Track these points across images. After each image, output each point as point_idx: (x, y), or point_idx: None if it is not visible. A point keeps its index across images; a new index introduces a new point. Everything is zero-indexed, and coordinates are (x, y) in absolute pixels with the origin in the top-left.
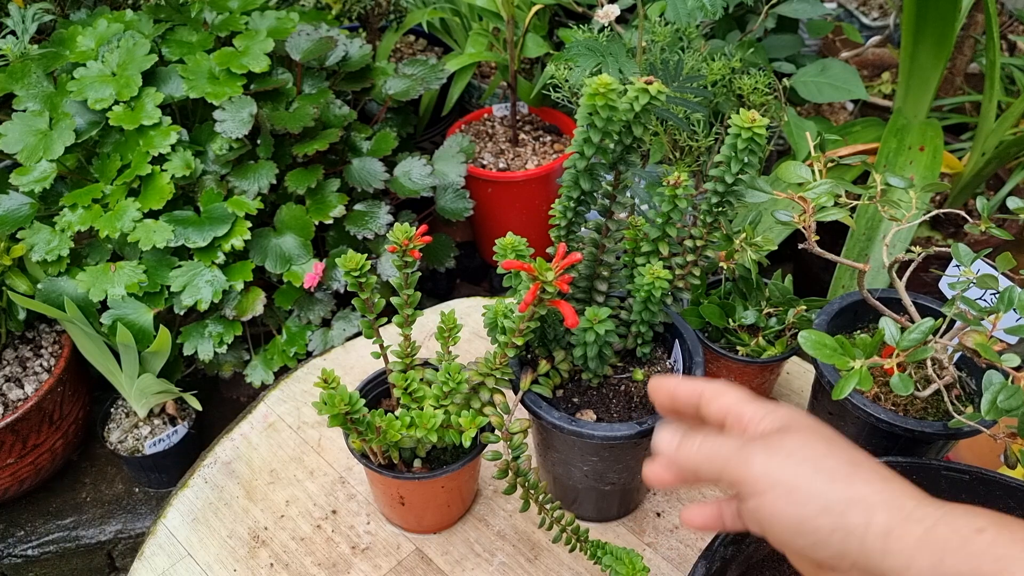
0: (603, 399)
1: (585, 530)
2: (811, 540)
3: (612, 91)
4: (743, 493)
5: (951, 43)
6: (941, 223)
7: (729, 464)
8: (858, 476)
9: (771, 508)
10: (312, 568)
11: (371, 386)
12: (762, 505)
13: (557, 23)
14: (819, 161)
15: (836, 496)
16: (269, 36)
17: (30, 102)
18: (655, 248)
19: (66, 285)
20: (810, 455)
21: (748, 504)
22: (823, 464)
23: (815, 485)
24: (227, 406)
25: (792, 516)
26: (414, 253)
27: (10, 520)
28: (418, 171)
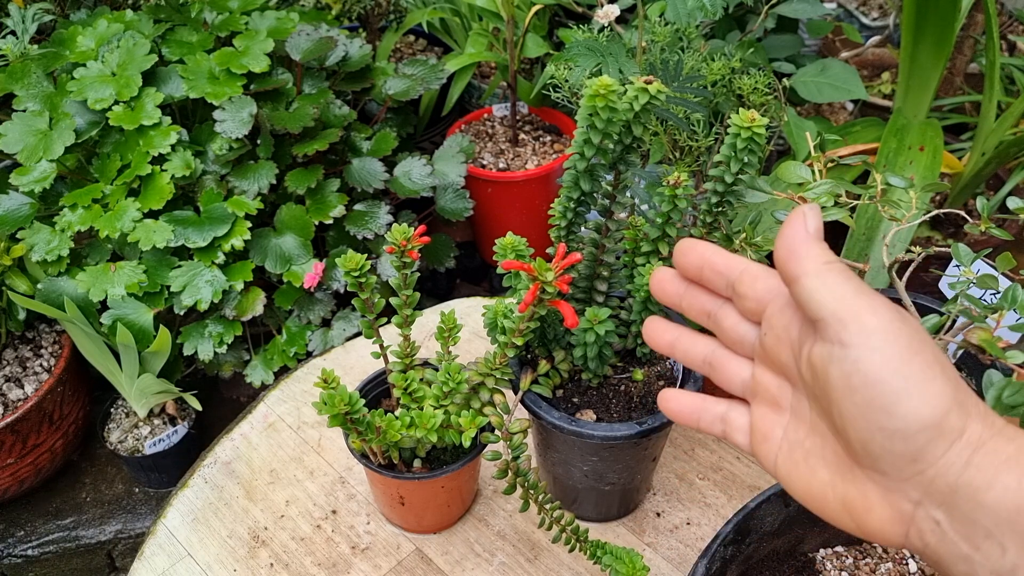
0: (603, 399)
1: (585, 530)
2: (893, 426)
3: (612, 92)
4: (830, 332)
5: (951, 43)
6: (941, 223)
7: (830, 285)
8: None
9: (873, 370)
10: (312, 568)
11: (371, 386)
12: (861, 359)
13: (557, 23)
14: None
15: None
16: (269, 36)
17: (30, 102)
18: (655, 248)
19: (66, 285)
20: (930, 343)
21: (834, 350)
22: (939, 357)
23: (932, 372)
24: (227, 406)
25: (891, 390)
26: (412, 254)
27: (10, 520)
28: (418, 171)
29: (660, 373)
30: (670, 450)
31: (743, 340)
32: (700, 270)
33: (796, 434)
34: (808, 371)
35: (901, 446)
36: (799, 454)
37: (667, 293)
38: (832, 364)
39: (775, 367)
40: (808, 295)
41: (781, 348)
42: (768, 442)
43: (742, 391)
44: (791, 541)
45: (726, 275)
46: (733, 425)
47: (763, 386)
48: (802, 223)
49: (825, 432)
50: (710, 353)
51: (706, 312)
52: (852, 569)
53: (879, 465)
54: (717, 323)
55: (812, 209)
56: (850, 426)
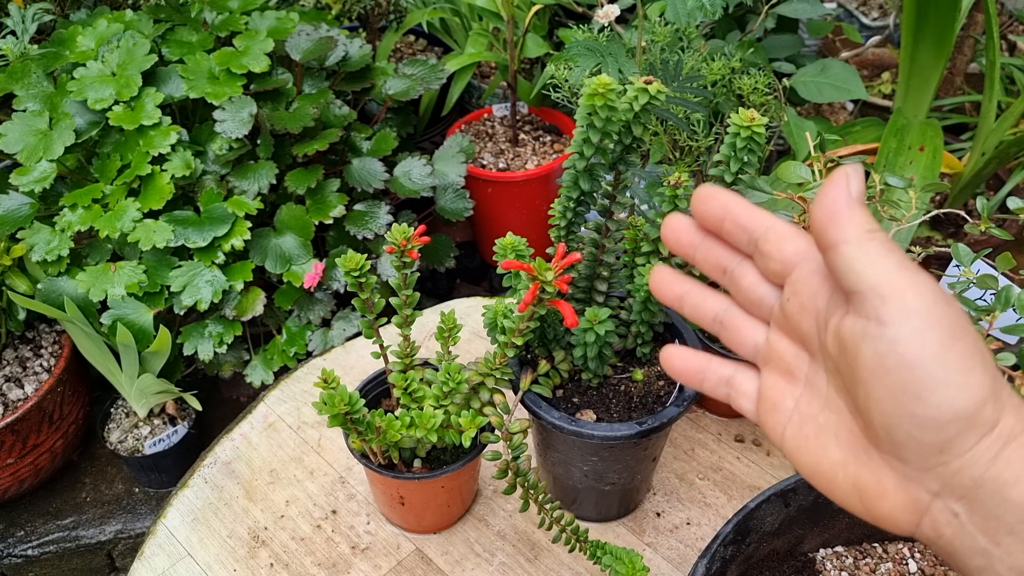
0: (603, 399)
1: (585, 530)
2: (925, 413)
3: (611, 91)
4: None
5: (951, 43)
6: (941, 223)
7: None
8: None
9: (911, 352)
10: (312, 568)
11: (371, 386)
12: (899, 340)
13: (557, 23)
14: (819, 161)
15: (984, 383)
16: (269, 36)
17: (30, 102)
18: (655, 248)
19: (66, 285)
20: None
21: (869, 326)
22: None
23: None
24: (227, 406)
25: (927, 376)
26: (412, 254)
27: (10, 520)
28: (418, 171)
29: (660, 373)
30: (670, 450)
31: (761, 302)
32: (720, 221)
33: (809, 407)
34: (835, 344)
35: (931, 436)
36: (810, 429)
37: (681, 243)
38: (865, 341)
39: (795, 335)
40: (847, 264)
41: (805, 316)
42: (777, 412)
43: (753, 355)
44: (791, 541)
45: (750, 230)
46: (739, 389)
47: (778, 353)
48: (845, 185)
49: (842, 409)
50: (722, 311)
51: (722, 268)
52: (852, 569)
53: (901, 452)
54: (734, 281)
55: (856, 170)
56: (876, 409)
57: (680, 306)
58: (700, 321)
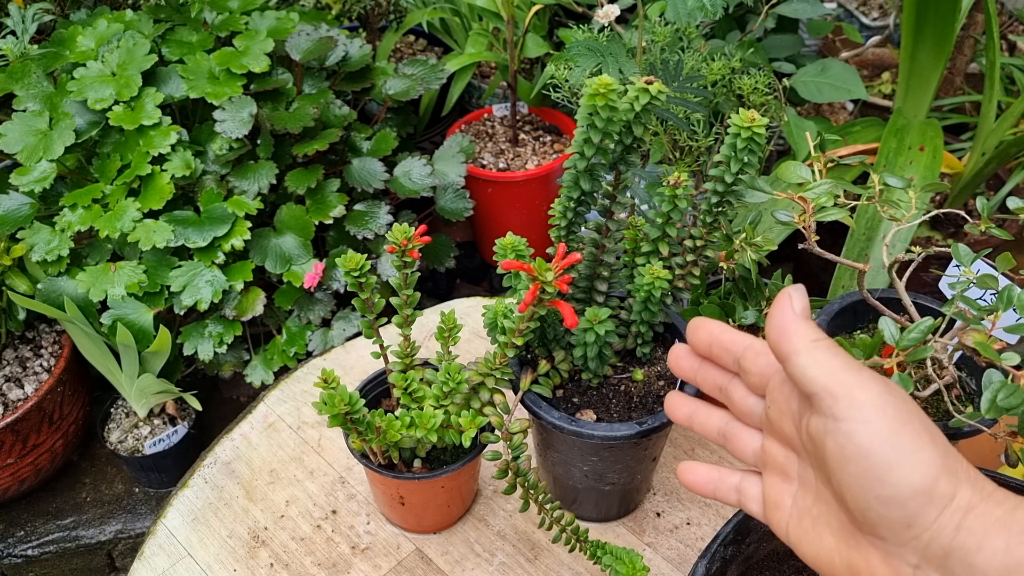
0: (603, 399)
1: (585, 530)
2: (886, 494)
3: (612, 91)
4: (823, 406)
5: (951, 43)
6: (941, 223)
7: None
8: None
9: (865, 442)
10: (312, 568)
11: (371, 386)
12: (853, 432)
13: (557, 23)
14: (819, 161)
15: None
16: (269, 36)
17: (30, 102)
18: (655, 248)
19: (66, 285)
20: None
21: (828, 423)
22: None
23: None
24: (227, 406)
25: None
26: (413, 253)
27: (10, 520)
28: (418, 171)
29: (660, 373)
30: (670, 450)
31: (752, 412)
32: (709, 347)
33: (804, 502)
34: (808, 442)
35: (896, 512)
36: (807, 521)
37: (683, 368)
38: (827, 436)
39: (781, 438)
40: (800, 372)
41: (784, 420)
42: (779, 510)
43: (754, 461)
44: None
45: (732, 351)
46: (747, 494)
47: (772, 456)
48: (789, 304)
49: (829, 499)
50: (724, 425)
51: (718, 386)
52: None
53: (878, 531)
54: (728, 396)
55: (797, 290)
56: (848, 494)
57: (690, 424)
58: (707, 435)
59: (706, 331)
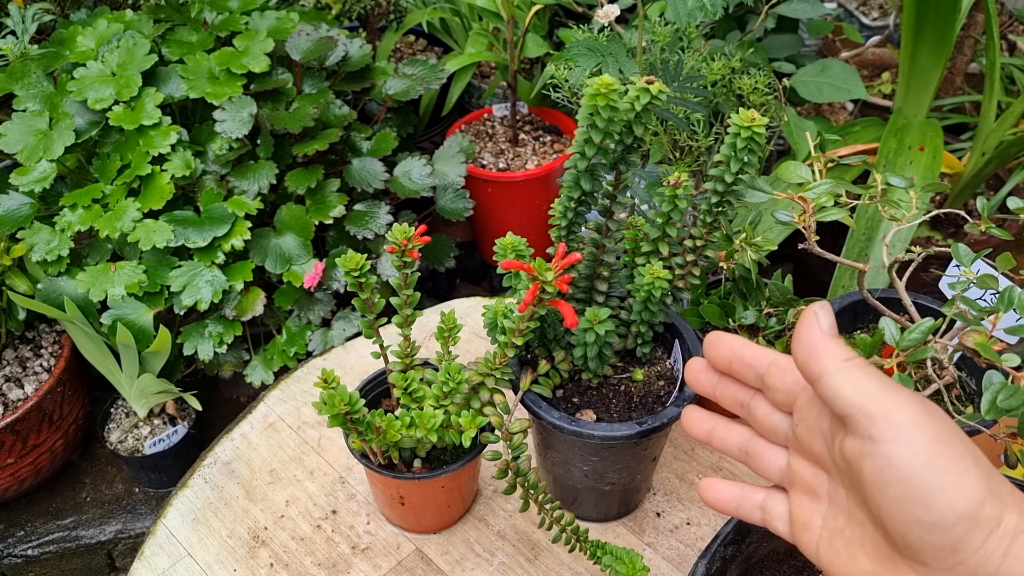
0: (603, 399)
1: (585, 530)
2: (930, 519)
3: (613, 91)
4: (859, 427)
5: (951, 43)
6: (941, 223)
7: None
8: (995, 472)
9: (905, 464)
10: (312, 568)
11: (371, 386)
12: (892, 454)
13: (557, 23)
14: (819, 161)
15: (979, 483)
16: (269, 36)
17: (30, 102)
18: (655, 248)
19: (66, 285)
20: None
21: (864, 445)
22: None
23: (963, 464)
24: (227, 406)
25: (925, 483)
26: (413, 253)
27: (10, 520)
28: (418, 171)
29: (660, 373)
30: (670, 450)
31: (776, 429)
32: (729, 363)
33: (835, 522)
34: (842, 463)
35: (940, 538)
36: (839, 543)
37: (701, 384)
38: (864, 459)
39: (810, 457)
40: (832, 393)
41: (814, 439)
42: (809, 531)
43: (780, 479)
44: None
45: (755, 367)
46: (772, 513)
47: (799, 475)
48: (815, 322)
49: (864, 520)
50: (746, 442)
51: (739, 402)
52: None
53: (920, 556)
54: (750, 413)
55: (823, 308)
56: (887, 519)
57: (709, 440)
58: (727, 452)
59: (726, 347)
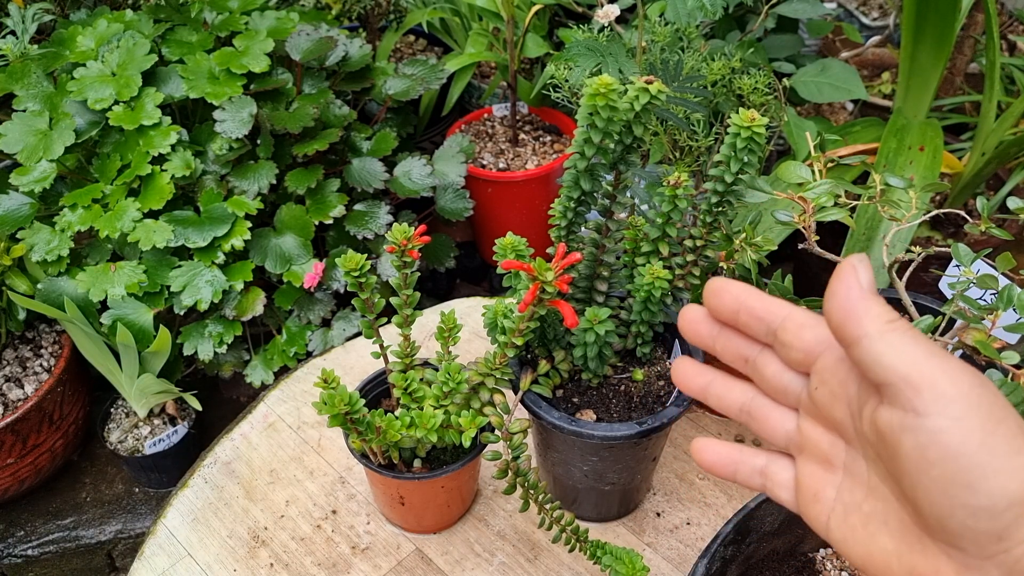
0: (603, 399)
1: (585, 530)
2: (977, 503)
3: (613, 91)
4: (902, 398)
5: (951, 43)
6: (941, 223)
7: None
8: None
9: (954, 442)
10: (312, 568)
11: (371, 386)
12: (940, 430)
13: (557, 23)
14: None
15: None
16: (269, 36)
17: (30, 102)
18: (655, 248)
19: (66, 285)
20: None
21: (906, 418)
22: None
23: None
24: (227, 406)
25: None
26: (413, 253)
27: (10, 520)
28: (418, 171)
29: (660, 373)
30: (670, 450)
31: (787, 390)
32: (735, 314)
33: (852, 496)
34: (873, 434)
35: (986, 524)
36: (856, 518)
37: (699, 335)
38: (904, 433)
39: (827, 423)
40: (872, 358)
41: (836, 404)
42: (819, 503)
43: (786, 444)
44: (791, 541)
45: (766, 320)
46: (775, 480)
47: (812, 441)
48: (855, 278)
49: (887, 496)
50: (748, 401)
51: (743, 357)
52: (852, 569)
53: (959, 541)
54: (757, 370)
55: (862, 261)
56: (925, 499)
57: (704, 397)
58: (727, 411)
59: (732, 295)
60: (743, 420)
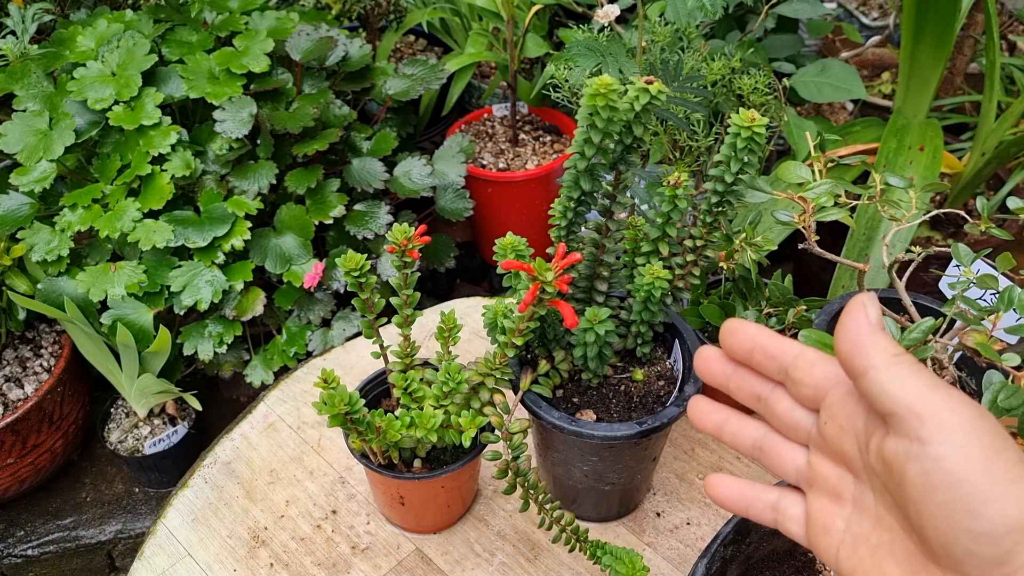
0: (603, 399)
1: (585, 530)
2: (978, 528)
3: (613, 91)
4: (906, 427)
5: (951, 43)
6: (941, 223)
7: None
8: None
9: (957, 469)
10: (312, 568)
11: (371, 386)
12: (943, 457)
13: (557, 23)
14: (819, 161)
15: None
16: (269, 36)
17: (30, 102)
18: (655, 248)
19: (66, 285)
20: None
21: (911, 447)
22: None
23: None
24: (227, 406)
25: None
26: (413, 253)
27: (10, 520)
28: (418, 171)
29: (660, 373)
30: (670, 450)
31: (798, 426)
32: (750, 353)
33: (860, 527)
34: (879, 464)
35: (988, 549)
36: (864, 549)
37: (714, 374)
38: (910, 461)
39: (836, 457)
40: (879, 389)
41: (844, 438)
42: (828, 535)
43: (796, 479)
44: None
45: (778, 359)
46: (786, 514)
47: (822, 475)
48: (863, 313)
49: (894, 526)
50: (760, 438)
51: (756, 395)
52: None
53: (962, 567)
54: (769, 407)
55: (871, 299)
56: (930, 526)
57: (719, 434)
58: (740, 448)
59: (747, 335)
60: (756, 456)
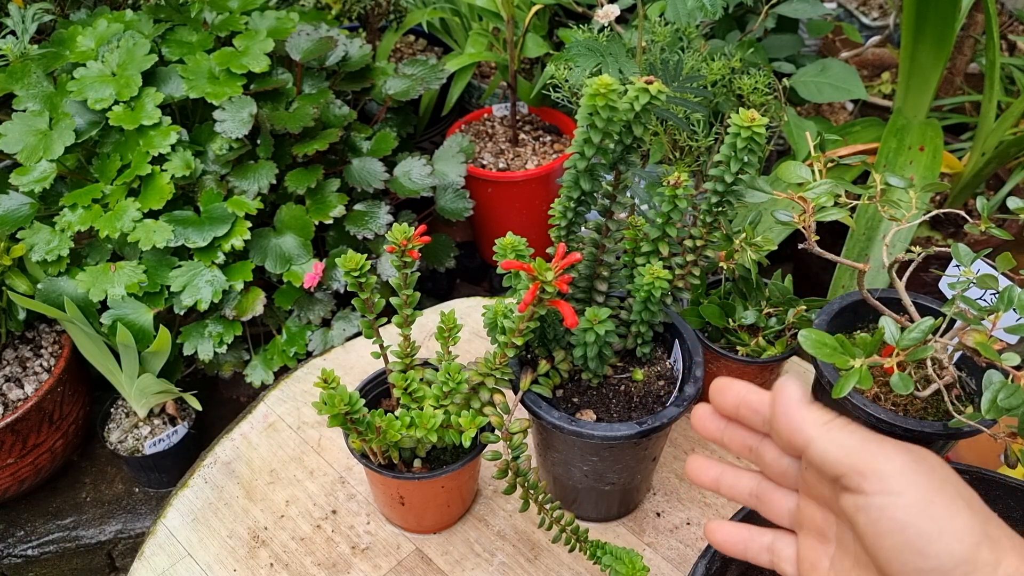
0: (603, 399)
1: (585, 530)
2: (928, 566)
3: (613, 91)
4: (852, 483)
5: (951, 43)
6: (941, 223)
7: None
8: (991, 516)
9: (899, 514)
10: (312, 568)
11: (371, 386)
12: (885, 506)
13: (557, 23)
14: (819, 161)
15: (974, 526)
16: (269, 36)
17: (30, 102)
18: (655, 248)
19: (66, 285)
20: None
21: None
22: (963, 491)
23: (955, 507)
24: (227, 406)
25: (919, 532)
26: (413, 253)
27: (10, 520)
28: (418, 171)
29: (660, 373)
30: (670, 450)
31: (786, 473)
32: (737, 408)
33: (843, 564)
34: (842, 515)
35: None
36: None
37: (708, 430)
38: (859, 513)
39: (819, 500)
40: (821, 458)
41: (822, 483)
42: (816, 572)
43: (789, 522)
44: None
45: (762, 412)
46: (780, 555)
47: (809, 517)
48: (788, 396)
49: (869, 564)
50: (756, 487)
51: (748, 447)
52: None
53: None
54: (759, 457)
55: (791, 380)
56: (887, 567)
57: (717, 487)
58: (737, 498)
59: (733, 393)
60: (754, 505)
